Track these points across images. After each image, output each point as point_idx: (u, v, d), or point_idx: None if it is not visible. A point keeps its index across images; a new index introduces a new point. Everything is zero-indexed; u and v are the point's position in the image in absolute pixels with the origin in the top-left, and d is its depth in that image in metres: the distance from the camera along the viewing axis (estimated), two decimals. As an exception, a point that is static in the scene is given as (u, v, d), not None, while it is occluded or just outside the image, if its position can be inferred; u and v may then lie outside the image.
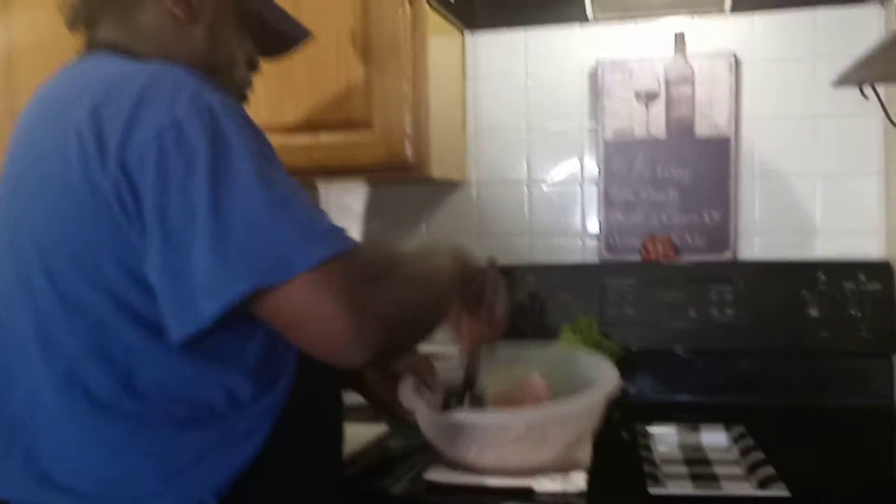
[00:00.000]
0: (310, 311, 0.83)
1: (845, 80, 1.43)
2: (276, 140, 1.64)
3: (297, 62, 1.67)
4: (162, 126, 0.83)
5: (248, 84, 1.12)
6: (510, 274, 1.83)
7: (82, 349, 0.88)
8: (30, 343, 0.91)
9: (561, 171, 1.92)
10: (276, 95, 1.69)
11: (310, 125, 1.68)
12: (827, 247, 1.78)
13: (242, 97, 1.11)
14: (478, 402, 1.29)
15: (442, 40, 1.80)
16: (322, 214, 0.88)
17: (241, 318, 0.85)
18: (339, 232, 0.88)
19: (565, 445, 1.19)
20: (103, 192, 0.84)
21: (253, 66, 1.12)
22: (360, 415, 1.33)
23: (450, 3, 1.77)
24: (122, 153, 0.84)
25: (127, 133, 0.84)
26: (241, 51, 1.09)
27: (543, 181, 1.93)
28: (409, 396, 1.18)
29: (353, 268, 0.86)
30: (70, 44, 1.05)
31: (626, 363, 1.72)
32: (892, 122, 1.53)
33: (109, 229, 0.85)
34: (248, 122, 0.89)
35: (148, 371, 0.88)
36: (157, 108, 0.84)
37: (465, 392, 1.29)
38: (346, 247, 0.86)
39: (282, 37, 1.18)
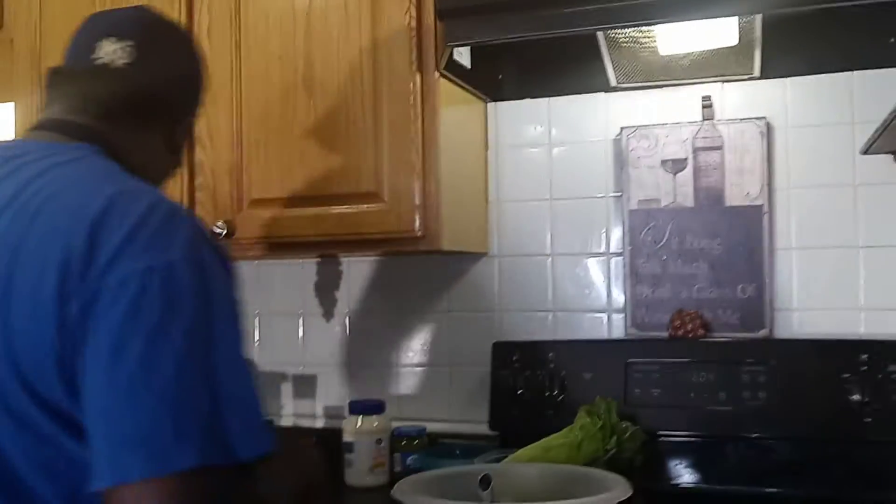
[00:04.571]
0: None
1: (875, 149, 1.33)
2: (285, 212, 1.68)
3: (307, 135, 1.66)
4: (153, 263, 0.80)
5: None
6: (532, 349, 1.76)
7: (29, 463, 0.84)
8: None
9: (585, 243, 1.84)
10: (286, 168, 1.67)
11: (319, 197, 1.65)
12: (871, 325, 1.65)
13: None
14: None
15: (459, 110, 1.76)
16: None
17: None
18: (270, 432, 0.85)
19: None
20: (69, 308, 0.80)
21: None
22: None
23: (468, 72, 1.73)
24: (105, 273, 0.80)
25: (117, 255, 0.80)
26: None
27: (567, 253, 1.85)
28: None
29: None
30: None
31: (651, 449, 1.62)
32: (934, 191, 1.42)
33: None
34: (232, 281, 0.88)
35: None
36: (152, 243, 0.82)
37: None
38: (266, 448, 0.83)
39: None
